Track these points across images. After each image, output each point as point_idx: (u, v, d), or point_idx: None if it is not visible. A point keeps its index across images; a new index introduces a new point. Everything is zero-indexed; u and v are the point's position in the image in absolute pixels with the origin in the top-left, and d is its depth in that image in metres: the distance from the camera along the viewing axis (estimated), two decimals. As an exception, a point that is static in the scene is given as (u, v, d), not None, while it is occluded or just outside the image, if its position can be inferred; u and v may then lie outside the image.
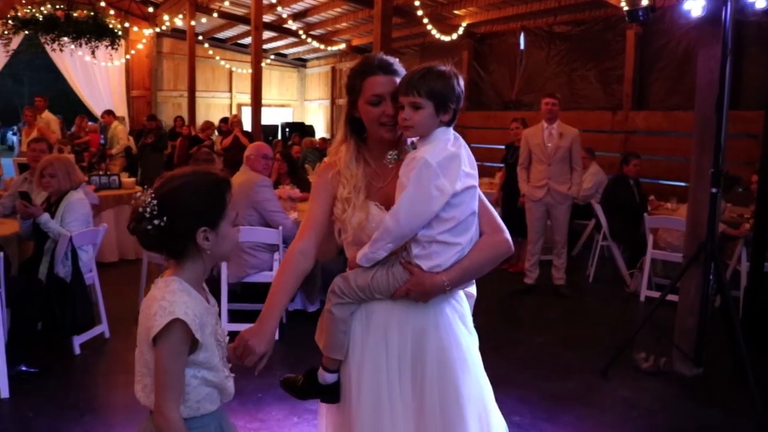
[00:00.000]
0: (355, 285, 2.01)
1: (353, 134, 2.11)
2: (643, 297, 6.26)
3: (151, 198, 1.65)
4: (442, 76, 1.94)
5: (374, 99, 2.00)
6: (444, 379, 2.00)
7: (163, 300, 1.66)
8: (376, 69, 2.01)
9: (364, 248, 1.99)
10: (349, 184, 2.05)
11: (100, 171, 7.98)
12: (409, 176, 1.90)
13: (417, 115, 1.92)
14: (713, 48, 4.36)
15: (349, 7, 12.45)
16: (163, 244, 1.71)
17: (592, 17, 10.10)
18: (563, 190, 6.35)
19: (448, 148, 1.95)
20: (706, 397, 4.20)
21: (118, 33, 9.71)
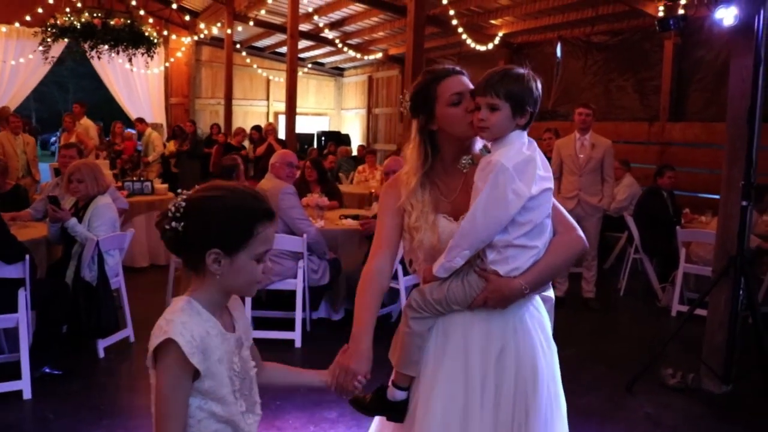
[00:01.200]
0: (431, 298, 1.98)
1: (431, 154, 2.08)
2: (675, 312, 6.11)
3: (182, 200, 1.59)
4: (521, 79, 1.94)
5: (455, 98, 1.99)
6: (525, 398, 1.96)
7: (163, 318, 1.58)
8: (450, 72, 2.04)
9: (439, 259, 1.96)
10: (416, 211, 2.04)
11: (134, 177, 8.11)
12: (485, 180, 1.88)
13: (494, 116, 1.91)
14: (745, 58, 4.26)
15: (385, 17, 12.49)
16: (177, 250, 1.64)
17: (630, 27, 9.95)
18: (594, 201, 6.24)
19: (523, 152, 1.92)
20: (733, 416, 4.08)
21: (153, 41, 9.88)
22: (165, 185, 8.30)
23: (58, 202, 4.65)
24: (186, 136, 12.08)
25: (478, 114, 1.93)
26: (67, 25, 8.99)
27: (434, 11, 10.24)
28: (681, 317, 5.87)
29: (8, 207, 5.70)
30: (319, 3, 12.49)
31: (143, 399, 4.09)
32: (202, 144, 12.26)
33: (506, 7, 10.50)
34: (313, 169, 7.05)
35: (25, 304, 4.01)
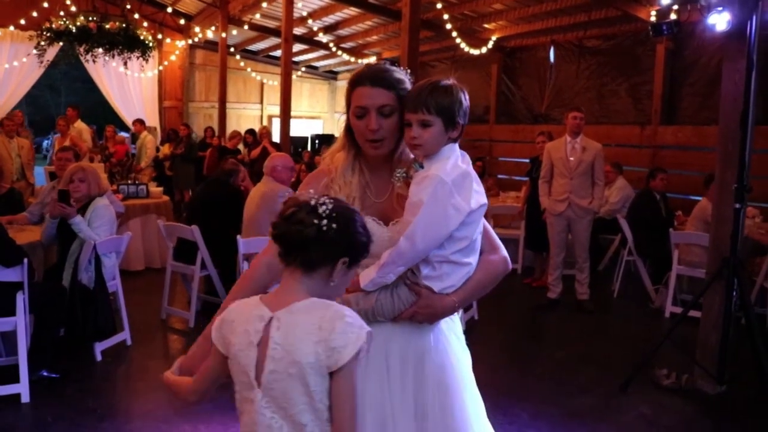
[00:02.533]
0: (356, 308, 1.85)
1: (353, 143, 1.99)
2: (668, 313, 6.16)
3: (327, 199, 1.54)
4: (450, 92, 1.86)
5: (358, 111, 1.90)
6: (444, 403, 1.91)
7: (347, 317, 1.49)
8: (364, 79, 1.90)
9: (368, 272, 1.87)
10: (343, 193, 1.95)
11: (129, 180, 8.11)
12: (423, 196, 1.81)
13: (426, 132, 1.84)
14: (738, 62, 4.31)
15: (379, 20, 12.52)
16: (306, 248, 1.52)
17: (622, 32, 10.02)
18: (584, 204, 6.30)
19: (459, 165, 1.87)
20: (728, 416, 4.12)
21: (149, 44, 9.88)
22: (160, 188, 8.30)
23: (68, 197, 4.65)
24: (180, 139, 12.08)
25: (409, 131, 1.86)
26: (62, 28, 8.99)
27: (428, 15, 10.29)
28: (674, 318, 5.92)
29: (3, 210, 5.72)
30: (314, 7, 12.52)
31: (141, 402, 4.12)
32: (197, 147, 12.26)
33: (500, 12, 10.54)
34: (309, 172, 7.07)
35: (23, 307, 4.01)
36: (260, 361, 1.50)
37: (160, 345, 5.30)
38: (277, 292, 1.58)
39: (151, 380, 4.45)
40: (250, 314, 1.55)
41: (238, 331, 1.54)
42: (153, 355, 4.99)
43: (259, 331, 1.51)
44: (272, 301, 1.56)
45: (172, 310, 5.74)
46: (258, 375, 1.50)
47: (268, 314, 1.53)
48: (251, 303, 1.59)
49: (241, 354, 1.52)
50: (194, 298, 5.61)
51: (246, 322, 1.54)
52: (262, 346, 1.50)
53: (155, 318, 5.71)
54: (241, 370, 1.53)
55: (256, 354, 1.51)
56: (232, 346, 1.54)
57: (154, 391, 4.26)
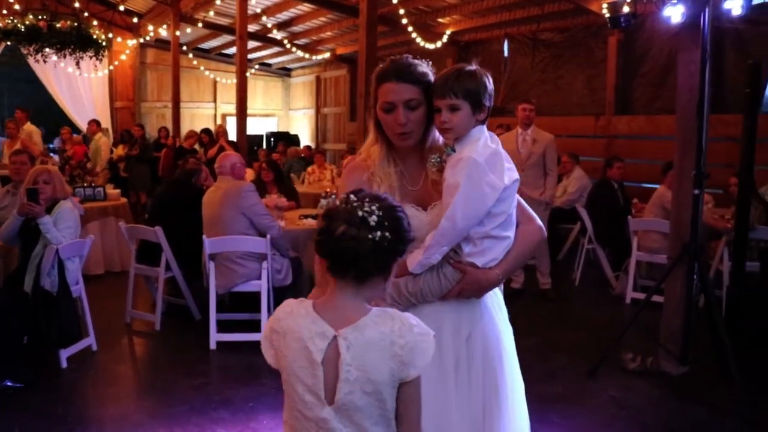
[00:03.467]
0: (406, 292, 1.98)
1: (383, 136, 2.08)
2: (629, 299, 6.31)
3: (371, 206, 1.46)
4: (475, 76, 1.96)
5: (386, 106, 1.99)
6: (490, 374, 2.03)
7: (414, 325, 1.49)
8: (390, 75, 1.99)
9: (414, 256, 1.96)
10: (384, 184, 2.03)
11: (85, 183, 7.94)
12: (459, 177, 1.90)
13: (455, 116, 1.94)
14: (693, 53, 4.44)
15: (333, 17, 12.50)
16: (363, 262, 1.45)
17: (575, 24, 10.20)
18: (535, 195, 6.23)
19: (489, 145, 1.98)
20: (692, 395, 4.25)
21: (102, 43, 9.66)
22: (117, 190, 8.14)
23: (37, 195, 4.54)
24: (135, 140, 11.86)
25: (438, 116, 1.96)
26: (10, 27, 8.71)
27: (383, 10, 10.30)
28: (635, 304, 6.08)
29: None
30: (267, 3, 12.43)
31: (113, 408, 4.05)
32: (152, 148, 12.06)
33: (454, 6, 10.63)
34: (270, 170, 7.04)
35: (-14, 315, 3.91)
36: (329, 380, 1.45)
37: (126, 349, 5.21)
38: (331, 305, 1.51)
39: (122, 385, 4.39)
40: (308, 330, 1.47)
41: (295, 347, 1.47)
42: (120, 360, 4.91)
43: (322, 350, 1.45)
44: (330, 315, 1.49)
45: (136, 314, 5.65)
46: (328, 394, 1.45)
47: (330, 332, 1.46)
48: (304, 315, 1.50)
49: (302, 372, 1.47)
50: (159, 300, 5.53)
51: (304, 338, 1.46)
52: (327, 364, 1.45)
53: (119, 322, 5.62)
54: (305, 389, 1.47)
55: (322, 373, 1.45)
56: (287, 360, 1.48)
57: (125, 397, 4.21)
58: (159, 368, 4.73)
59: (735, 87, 8.02)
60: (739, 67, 8.00)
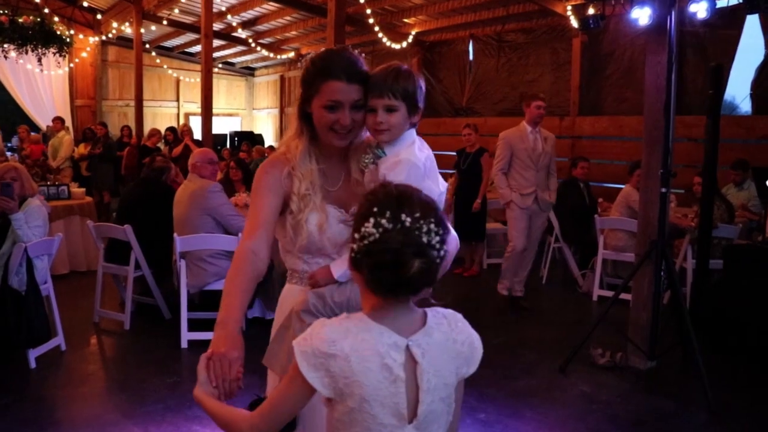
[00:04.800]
0: (332, 302, 1.87)
1: (309, 130, 1.97)
2: (596, 296, 6.43)
3: (431, 225, 1.30)
4: (412, 77, 1.88)
5: (331, 104, 1.87)
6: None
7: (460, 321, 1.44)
8: (340, 73, 1.86)
9: (340, 263, 1.87)
10: (306, 181, 1.93)
11: (48, 182, 7.78)
12: (399, 180, 1.77)
13: (392, 117, 1.85)
14: (660, 55, 4.55)
15: (299, 16, 12.45)
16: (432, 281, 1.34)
17: (539, 26, 10.34)
18: (546, 197, 6.04)
19: (424, 150, 1.91)
20: (660, 388, 4.37)
21: (66, 40, 9.45)
22: (82, 189, 8.01)
23: (11, 192, 4.44)
24: (97, 139, 11.65)
25: (373, 116, 1.87)
26: (-32, 22, 8.49)
27: (350, 10, 10.31)
28: (602, 301, 6.21)
29: None
30: (232, 2, 12.32)
31: (86, 407, 3.99)
32: (115, 147, 11.86)
33: (419, 6, 10.67)
34: (238, 169, 6.99)
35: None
36: (409, 395, 1.32)
37: (96, 349, 5.14)
38: (387, 314, 1.36)
39: (93, 385, 4.33)
40: (378, 343, 1.32)
41: (371, 368, 1.30)
42: (90, 360, 4.84)
43: (401, 363, 1.31)
44: (391, 324, 1.35)
45: (105, 313, 5.57)
46: (409, 410, 1.33)
47: (402, 341, 1.33)
48: (367, 330, 1.34)
49: (382, 392, 1.30)
50: (129, 299, 5.46)
51: (378, 355, 1.31)
52: (407, 376, 1.32)
53: (88, 322, 5.53)
54: (385, 412, 1.31)
55: (404, 388, 1.32)
56: (363, 386, 1.30)
57: (97, 396, 4.15)
58: (130, 367, 4.67)
59: (695, 89, 8.25)
60: (699, 69, 8.24)
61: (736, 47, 7.92)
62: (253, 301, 5.49)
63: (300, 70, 1.99)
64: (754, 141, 7.80)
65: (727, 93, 8.48)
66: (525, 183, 5.96)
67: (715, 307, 5.14)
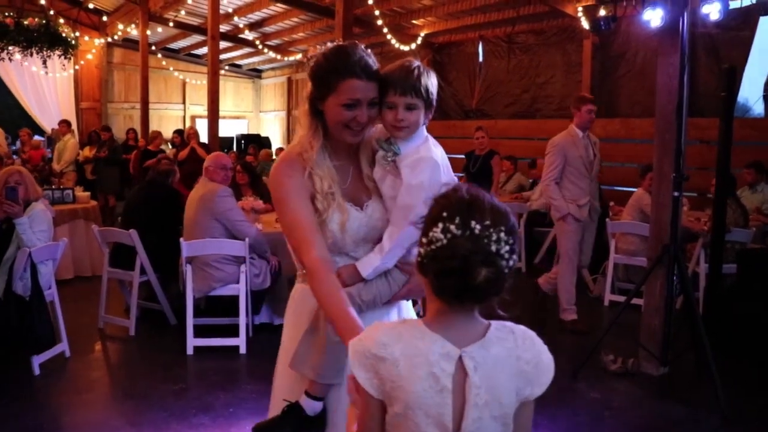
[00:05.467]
0: (360, 301, 1.89)
1: (323, 128, 1.96)
2: (607, 301, 6.33)
3: (501, 234, 1.26)
4: (431, 75, 1.89)
5: (350, 102, 1.86)
6: None
7: (535, 338, 1.38)
8: (358, 71, 1.84)
9: (369, 261, 1.90)
10: (327, 178, 1.92)
11: (53, 185, 7.75)
12: (423, 178, 1.84)
13: (412, 115, 1.87)
14: (672, 57, 4.48)
15: (306, 17, 12.42)
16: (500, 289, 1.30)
17: (550, 27, 10.27)
18: (598, 206, 5.67)
19: (437, 147, 1.95)
20: (673, 395, 4.29)
21: (71, 42, 9.41)
22: (87, 193, 7.96)
23: (17, 195, 4.40)
24: (103, 142, 11.62)
25: (393, 113, 1.87)
26: (-27, 24, 8.46)
27: (358, 11, 10.26)
28: (613, 306, 6.11)
29: None
30: (239, 3, 12.30)
31: (90, 414, 3.94)
32: (120, 150, 11.83)
33: (428, 8, 10.63)
34: (245, 173, 6.94)
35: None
36: (455, 408, 1.28)
37: (101, 355, 5.09)
38: (446, 323, 1.32)
39: (98, 392, 4.28)
40: (428, 352, 1.29)
41: (419, 375, 1.27)
42: (95, 366, 4.79)
43: (450, 374, 1.27)
44: (448, 334, 1.31)
45: (110, 319, 5.52)
46: (454, 423, 1.28)
47: (455, 352, 1.28)
48: (420, 337, 1.31)
49: (429, 402, 1.27)
50: (134, 305, 5.40)
51: (427, 363, 1.28)
52: (454, 388, 1.28)
53: (92, 327, 5.48)
54: (428, 421, 1.28)
55: (451, 400, 1.27)
56: (408, 392, 1.28)
57: (102, 403, 4.10)
58: (135, 374, 4.61)
59: (707, 91, 8.16)
60: (711, 71, 8.15)
61: (750, 49, 7.83)
62: (261, 306, 5.44)
63: (308, 69, 1.96)
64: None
65: (740, 95, 8.41)
66: (580, 193, 5.49)
67: (729, 312, 5.06)
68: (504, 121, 10.90)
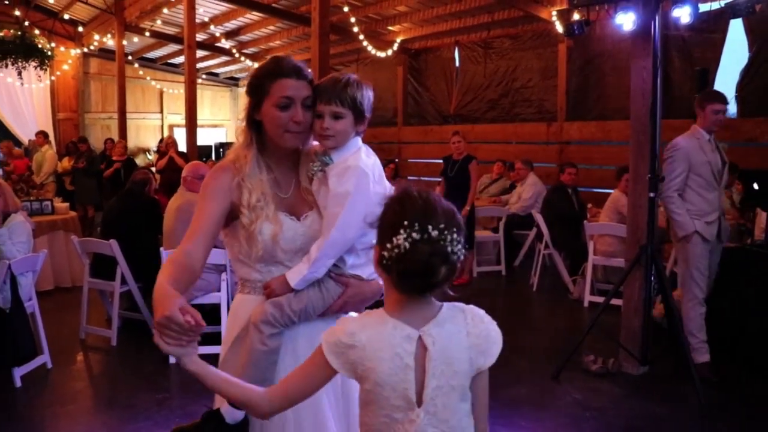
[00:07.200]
0: (290, 311, 1.89)
1: (258, 138, 1.98)
2: (587, 302, 6.40)
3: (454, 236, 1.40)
4: (361, 87, 1.92)
5: (283, 101, 1.89)
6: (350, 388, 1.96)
7: (484, 316, 1.53)
8: (288, 71, 1.90)
9: (298, 270, 1.89)
10: (256, 191, 1.92)
11: (31, 197, 7.68)
12: (349, 186, 1.86)
13: (338, 124, 1.89)
14: (645, 60, 4.56)
15: (282, 25, 12.41)
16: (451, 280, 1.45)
17: (525, 31, 10.35)
18: (728, 224, 4.87)
19: (370, 156, 1.96)
20: (653, 394, 4.34)
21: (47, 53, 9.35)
22: (66, 204, 7.91)
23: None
24: (81, 153, 11.53)
25: (320, 122, 1.90)
26: (-52, 36, 8.38)
27: (334, 18, 10.29)
28: (593, 307, 6.18)
29: None
30: (215, 12, 12.28)
31: (70, 426, 3.92)
32: (98, 160, 11.75)
33: (404, 14, 10.66)
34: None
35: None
36: (418, 381, 1.45)
37: (83, 366, 5.05)
38: (405, 308, 1.47)
39: (81, 403, 4.25)
40: (391, 336, 1.45)
41: (384, 357, 1.44)
42: (77, 377, 4.75)
43: (411, 352, 1.44)
44: (407, 317, 1.46)
45: (91, 329, 5.49)
46: (418, 395, 1.45)
47: (414, 333, 1.45)
48: (383, 323, 1.47)
49: (393, 378, 1.44)
50: (115, 315, 5.38)
51: (390, 346, 1.44)
52: (416, 364, 1.44)
53: (74, 338, 5.45)
54: (396, 395, 1.45)
55: (413, 375, 1.44)
56: (376, 372, 1.44)
57: (85, 414, 4.07)
58: (118, 384, 4.59)
59: (681, 92, 8.28)
60: (685, 73, 8.27)
61: (722, 50, 7.96)
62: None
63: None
64: (741, 144, 7.82)
65: (713, 96, 8.50)
66: (707, 207, 4.59)
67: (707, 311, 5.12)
68: (481, 126, 10.97)
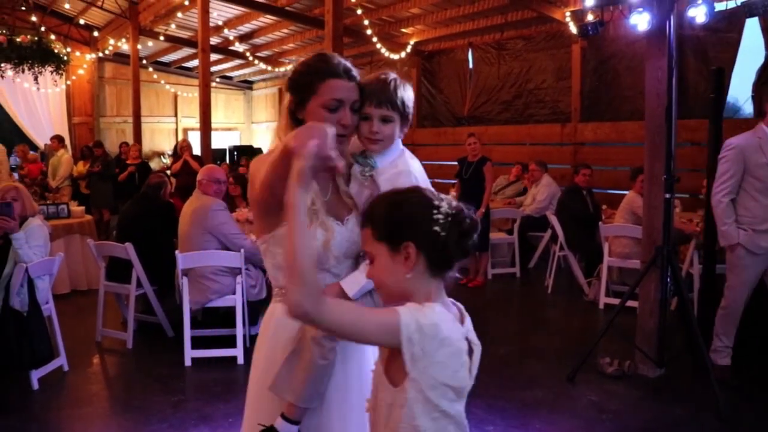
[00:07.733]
0: None
1: None
2: (602, 304, 6.35)
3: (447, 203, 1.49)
4: (407, 88, 1.89)
5: (333, 104, 1.80)
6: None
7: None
8: (340, 72, 1.82)
9: (354, 279, 1.83)
10: (311, 193, 1.83)
11: (47, 201, 7.75)
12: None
13: (387, 128, 1.86)
14: (660, 60, 4.53)
15: (296, 28, 12.46)
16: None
17: (539, 32, 10.32)
18: None
19: (414, 159, 1.94)
20: (670, 396, 4.31)
21: (63, 58, 9.44)
22: (81, 207, 7.96)
23: (12, 211, 4.40)
24: (96, 157, 11.62)
25: (368, 125, 1.86)
26: (-33, 43, 8.49)
27: (347, 21, 10.32)
28: (608, 309, 6.14)
29: None
30: (229, 16, 12.34)
31: (86, 429, 3.94)
32: (113, 164, 11.83)
33: (417, 16, 10.68)
34: (237, 185, 6.96)
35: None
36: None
37: (99, 369, 5.08)
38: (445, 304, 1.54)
39: (97, 405, 4.27)
40: (458, 332, 1.50)
41: (450, 352, 1.44)
42: (94, 380, 4.78)
43: (466, 351, 1.51)
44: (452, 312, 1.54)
45: (107, 332, 5.52)
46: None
47: (462, 329, 1.52)
48: (453, 320, 1.51)
49: (456, 375, 1.46)
50: (131, 318, 5.41)
51: (458, 340, 1.48)
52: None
53: (90, 341, 5.48)
54: (453, 392, 1.47)
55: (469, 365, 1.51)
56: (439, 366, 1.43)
57: (102, 416, 4.10)
58: (134, 387, 4.61)
59: (696, 92, 8.22)
60: (700, 73, 8.21)
61: (737, 50, 7.89)
62: (258, 317, 5.45)
63: (287, 81, 1.93)
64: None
65: (729, 96, 8.46)
66: (763, 213, 4.25)
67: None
68: (495, 127, 10.94)
